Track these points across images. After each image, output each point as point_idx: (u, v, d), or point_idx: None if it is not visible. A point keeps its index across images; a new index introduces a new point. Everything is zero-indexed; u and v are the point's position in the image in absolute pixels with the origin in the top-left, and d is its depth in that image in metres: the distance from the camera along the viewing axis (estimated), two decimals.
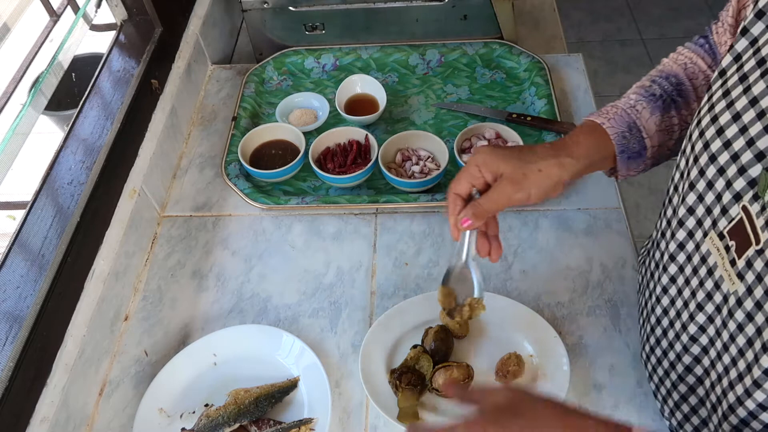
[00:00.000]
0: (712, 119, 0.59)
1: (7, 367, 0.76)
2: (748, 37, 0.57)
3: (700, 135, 0.61)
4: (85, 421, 0.87)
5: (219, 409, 0.84)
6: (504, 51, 1.26)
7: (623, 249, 0.99)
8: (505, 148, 0.72)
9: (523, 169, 0.70)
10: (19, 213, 0.91)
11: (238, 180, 1.10)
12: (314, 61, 1.30)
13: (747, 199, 0.55)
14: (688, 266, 0.66)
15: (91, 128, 1.01)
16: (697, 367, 0.68)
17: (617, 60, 2.82)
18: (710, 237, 0.61)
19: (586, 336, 0.91)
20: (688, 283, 0.66)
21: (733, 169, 0.56)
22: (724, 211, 0.58)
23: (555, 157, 0.71)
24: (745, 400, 0.59)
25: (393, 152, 1.12)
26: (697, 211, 0.63)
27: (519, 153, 0.71)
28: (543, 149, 0.72)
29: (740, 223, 0.56)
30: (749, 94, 0.55)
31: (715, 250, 0.60)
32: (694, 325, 0.66)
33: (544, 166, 0.70)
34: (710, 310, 0.63)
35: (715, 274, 0.61)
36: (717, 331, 0.63)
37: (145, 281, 1.02)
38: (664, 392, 0.76)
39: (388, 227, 1.06)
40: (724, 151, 0.57)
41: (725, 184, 0.58)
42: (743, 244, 0.56)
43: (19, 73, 0.92)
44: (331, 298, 0.97)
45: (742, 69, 0.57)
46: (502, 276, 0.98)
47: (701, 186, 0.61)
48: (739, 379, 0.60)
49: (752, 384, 0.57)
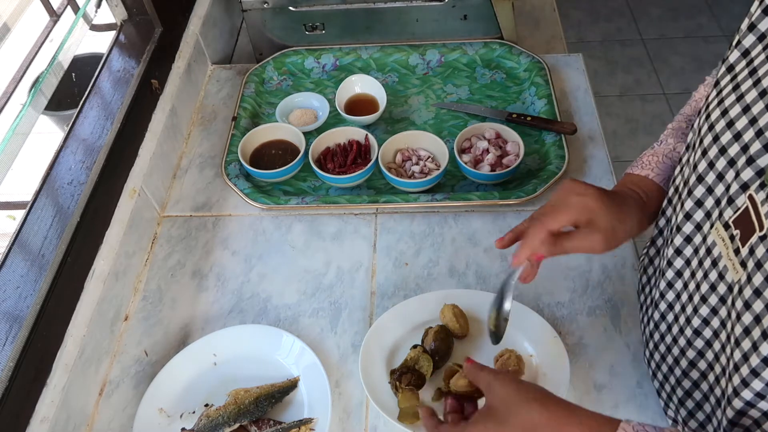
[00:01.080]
0: (722, 112, 0.60)
1: (7, 367, 0.76)
2: (755, 32, 0.58)
3: (710, 128, 0.61)
4: (85, 421, 0.87)
5: (219, 409, 0.84)
6: (504, 51, 1.26)
7: (623, 249, 0.99)
8: (609, 197, 0.72)
9: (616, 227, 0.71)
10: (19, 213, 0.91)
11: (238, 180, 1.10)
12: (314, 61, 1.30)
13: (753, 188, 0.56)
14: (695, 259, 0.66)
15: (91, 128, 1.01)
16: (701, 361, 0.68)
17: (617, 60, 2.82)
18: (716, 227, 0.61)
19: (586, 336, 0.91)
20: (694, 276, 0.66)
21: (742, 160, 0.57)
22: (730, 201, 0.59)
23: (639, 219, 0.73)
24: (742, 390, 0.59)
25: (393, 152, 1.12)
26: (705, 203, 0.63)
27: (618, 209, 0.72)
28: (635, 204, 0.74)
29: (746, 212, 0.56)
30: (759, 86, 0.56)
31: (720, 241, 0.60)
32: (698, 318, 0.66)
33: (630, 227, 0.72)
34: (714, 302, 0.63)
35: (719, 265, 0.61)
36: (722, 323, 0.63)
37: (145, 281, 1.02)
38: (669, 389, 0.76)
39: (388, 227, 1.06)
40: (735, 143, 0.58)
41: (734, 175, 0.58)
42: (747, 232, 0.56)
43: (19, 73, 0.92)
44: (331, 298, 0.97)
45: (752, 63, 0.58)
46: (502, 276, 0.98)
47: (710, 178, 0.62)
48: (736, 369, 0.59)
49: (750, 373, 0.57)
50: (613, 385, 0.86)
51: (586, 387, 0.86)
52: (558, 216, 0.71)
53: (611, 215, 0.71)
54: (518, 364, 0.85)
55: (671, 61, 2.82)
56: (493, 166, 1.07)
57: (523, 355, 0.86)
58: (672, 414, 0.77)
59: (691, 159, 0.66)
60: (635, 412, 0.83)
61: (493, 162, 1.07)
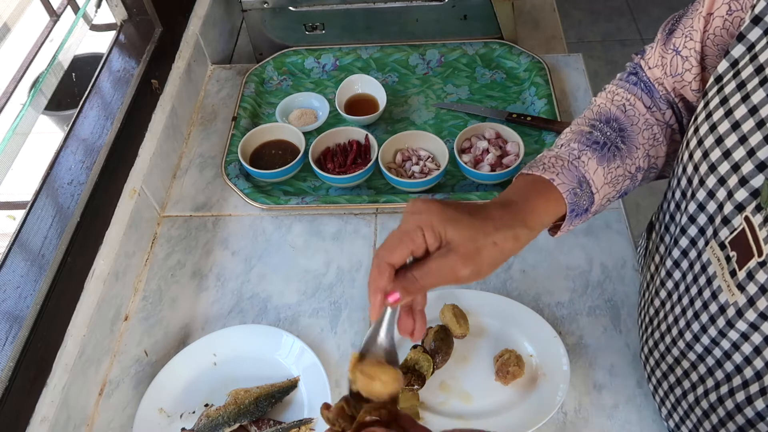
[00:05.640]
0: (711, 128, 0.58)
1: (7, 367, 0.76)
2: (744, 43, 0.56)
3: (699, 143, 0.59)
4: (85, 421, 0.87)
5: (219, 409, 0.84)
6: (504, 51, 1.26)
7: (623, 249, 0.99)
8: (455, 208, 0.59)
9: (477, 242, 0.57)
10: (19, 213, 0.91)
11: (238, 180, 1.10)
12: (314, 61, 1.30)
13: (750, 210, 0.54)
14: (690, 274, 0.65)
15: (91, 128, 1.01)
16: (693, 373, 0.68)
17: (617, 60, 2.82)
18: (711, 246, 0.60)
19: (586, 336, 0.91)
20: (688, 291, 0.65)
21: (734, 180, 0.55)
22: (725, 221, 0.57)
23: (511, 227, 0.59)
24: (745, 407, 0.60)
25: (393, 152, 1.12)
26: (698, 220, 0.62)
27: (471, 218, 0.58)
28: (498, 214, 0.60)
29: (742, 234, 0.55)
30: (748, 102, 0.54)
31: (716, 260, 0.59)
32: (689, 333, 0.66)
33: (500, 239, 0.58)
34: (704, 320, 0.63)
35: (713, 284, 0.60)
36: (713, 341, 0.62)
37: (145, 281, 1.02)
38: (662, 393, 0.76)
39: (388, 227, 1.05)
40: (724, 161, 0.56)
41: (726, 195, 0.57)
42: (745, 255, 0.55)
43: (19, 73, 0.92)
44: (331, 298, 0.97)
45: (739, 75, 0.56)
46: (502, 276, 0.98)
47: (702, 195, 0.60)
48: (744, 386, 0.60)
49: (758, 392, 0.58)
50: (612, 385, 0.86)
51: (586, 387, 0.86)
52: (394, 245, 0.57)
53: (466, 228, 0.57)
54: (518, 364, 0.85)
55: None
56: (493, 166, 1.07)
57: (523, 355, 0.87)
58: (665, 417, 0.78)
59: (679, 172, 0.64)
60: (635, 412, 0.83)
61: (493, 162, 1.07)
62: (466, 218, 0.58)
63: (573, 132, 0.71)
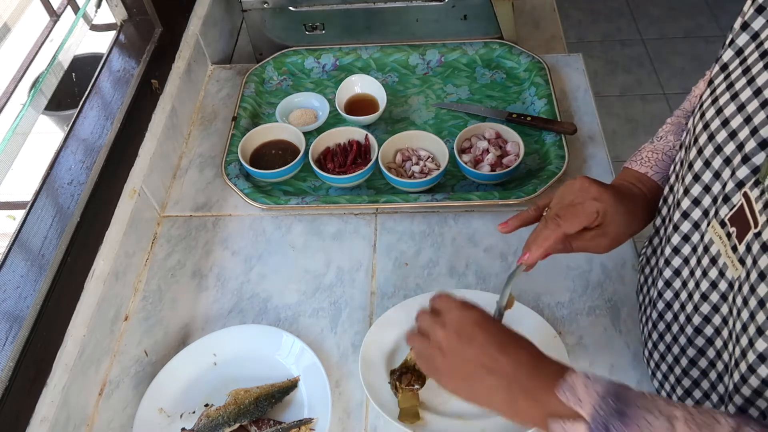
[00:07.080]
0: (717, 111, 0.60)
1: (7, 367, 0.76)
2: (749, 31, 0.59)
3: (705, 127, 0.62)
4: (85, 421, 0.87)
5: (219, 409, 0.84)
6: (504, 51, 1.26)
7: (623, 249, 0.99)
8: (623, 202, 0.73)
9: (624, 231, 0.73)
10: (19, 213, 0.91)
11: (238, 180, 1.10)
12: (314, 61, 1.30)
13: (748, 186, 0.56)
14: (693, 257, 0.66)
15: (91, 128, 1.01)
16: (702, 359, 0.68)
17: (617, 60, 2.82)
18: (712, 225, 0.61)
19: (586, 336, 0.91)
20: (693, 274, 0.66)
21: (738, 158, 0.57)
22: (726, 199, 0.59)
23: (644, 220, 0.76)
24: (741, 386, 0.59)
25: (393, 152, 1.12)
26: (703, 202, 0.63)
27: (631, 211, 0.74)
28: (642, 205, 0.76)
29: (741, 209, 0.57)
30: (753, 85, 0.57)
31: (717, 239, 0.61)
32: (698, 317, 0.66)
33: (635, 230, 0.75)
34: (715, 299, 0.63)
35: (718, 262, 0.61)
36: (723, 320, 0.63)
37: (145, 281, 1.02)
38: (668, 388, 0.76)
39: (388, 227, 1.06)
40: (730, 141, 0.58)
41: (730, 173, 0.58)
42: (743, 229, 0.57)
43: (19, 73, 0.93)
44: (331, 298, 0.97)
45: (745, 62, 0.58)
46: (502, 276, 0.98)
47: (707, 177, 0.62)
48: (736, 365, 0.60)
49: (747, 369, 0.57)
50: None
51: None
52: (575, 221, 0.71)
53: (622, 221, 0.72)
54: None
55: (671, 61, 2.82)
56: (493, 166, 1.07)
57: None
58: None
59: (686, 158, 0.66)
60: None
61: (493, 162, 1.08)
62: (627, 214, 0.73)
63: (672, 124, 0.82)
